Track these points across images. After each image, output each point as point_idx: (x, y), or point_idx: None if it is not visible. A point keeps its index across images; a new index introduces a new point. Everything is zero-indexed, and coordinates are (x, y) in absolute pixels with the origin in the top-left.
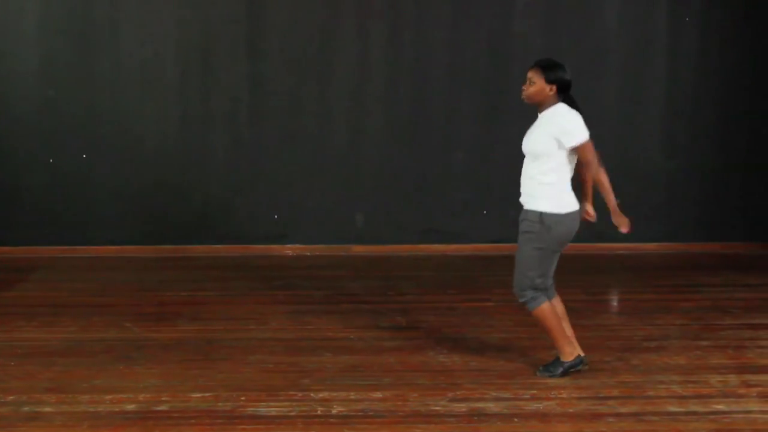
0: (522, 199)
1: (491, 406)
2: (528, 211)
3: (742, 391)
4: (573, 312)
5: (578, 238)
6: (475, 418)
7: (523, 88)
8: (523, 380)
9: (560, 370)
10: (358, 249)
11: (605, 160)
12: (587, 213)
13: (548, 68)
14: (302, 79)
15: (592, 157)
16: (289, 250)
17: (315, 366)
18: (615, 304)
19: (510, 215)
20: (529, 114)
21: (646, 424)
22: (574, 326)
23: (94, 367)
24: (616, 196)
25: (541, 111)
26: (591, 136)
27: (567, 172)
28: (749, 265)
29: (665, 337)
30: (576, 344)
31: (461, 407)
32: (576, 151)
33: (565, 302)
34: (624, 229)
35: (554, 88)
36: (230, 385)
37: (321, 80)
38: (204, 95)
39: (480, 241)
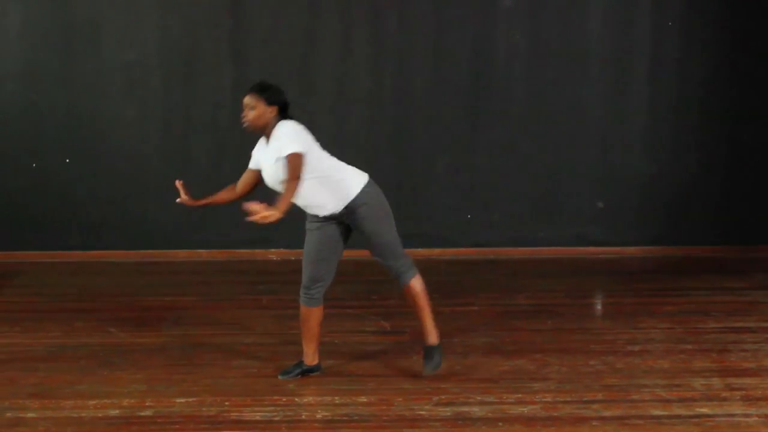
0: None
1: (476, 410)
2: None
3: (725, 394)
4: (557, 316)
5: (561, 241)
6: (460, 422)
7: (242, 116)
8: (508, 384)
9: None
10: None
11: (588, 165)
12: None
13: (264, 90)
14: (284, 84)
15: (291, 172)
16: (273, 254)
17: None
18: (598, 307)
19: (493, 219)
20: (510, 119)
21: (630, 428)
22: (557, 330)
23: (77, 373)
24: (600, 200)
25: (268, 136)
26: (574, 141)
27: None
28: (731, 269)
29: (649, 341)
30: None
31: (446, 411)
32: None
33: (548, 306)
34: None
35: (275, 109)
36: (215, 390)
37: (303, 85)
38: (187, 100)
39: (463, 245)
